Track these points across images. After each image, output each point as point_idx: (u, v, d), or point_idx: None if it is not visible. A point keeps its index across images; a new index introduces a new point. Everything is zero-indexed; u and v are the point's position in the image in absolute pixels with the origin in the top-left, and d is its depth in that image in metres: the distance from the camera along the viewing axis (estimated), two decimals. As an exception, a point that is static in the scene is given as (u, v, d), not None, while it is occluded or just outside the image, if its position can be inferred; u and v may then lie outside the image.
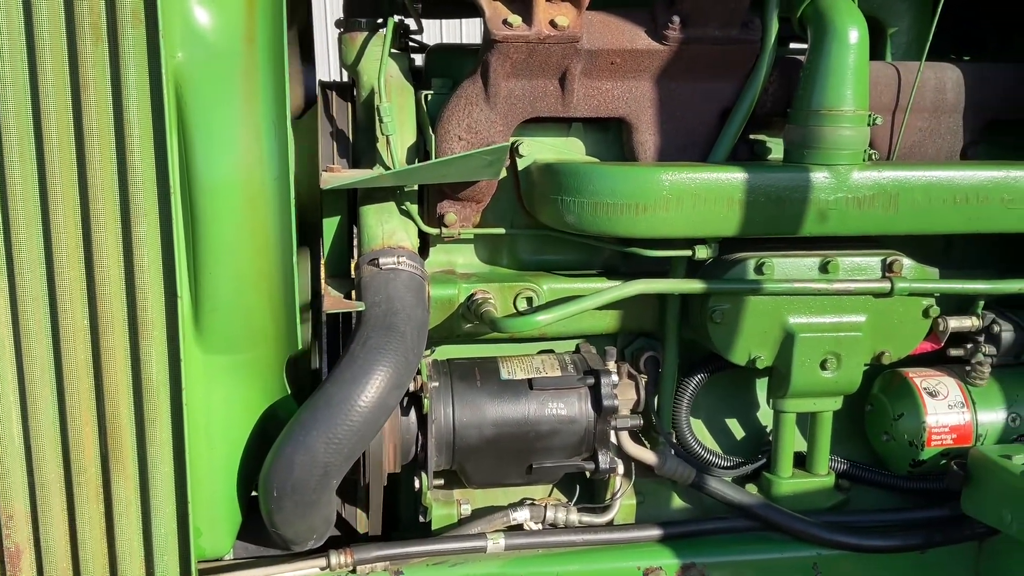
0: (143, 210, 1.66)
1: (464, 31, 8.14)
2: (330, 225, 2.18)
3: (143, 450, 1.76)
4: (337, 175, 1.99)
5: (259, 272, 1.78)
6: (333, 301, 1.98)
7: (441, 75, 2.21)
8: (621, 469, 2.17)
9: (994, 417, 2.27)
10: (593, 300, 2.06)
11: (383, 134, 2.03)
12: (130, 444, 1.76)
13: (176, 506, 1.80)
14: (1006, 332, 2.31)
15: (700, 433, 2.36)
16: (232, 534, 1.98)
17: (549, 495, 2.31)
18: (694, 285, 2.10)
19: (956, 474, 2.18)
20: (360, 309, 1.91)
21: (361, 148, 2.18)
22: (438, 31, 8.05)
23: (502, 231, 2.22)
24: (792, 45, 2.60)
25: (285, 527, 1.89)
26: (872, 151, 2.17)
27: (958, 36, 2.56)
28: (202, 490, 1.86)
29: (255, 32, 1.69)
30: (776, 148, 2.30)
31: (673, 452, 2.25)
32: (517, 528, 2.16)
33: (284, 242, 1.77)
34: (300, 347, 1.86)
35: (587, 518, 2.20)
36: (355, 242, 2.17)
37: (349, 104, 2.19)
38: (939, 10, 2.15)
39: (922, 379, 2.28)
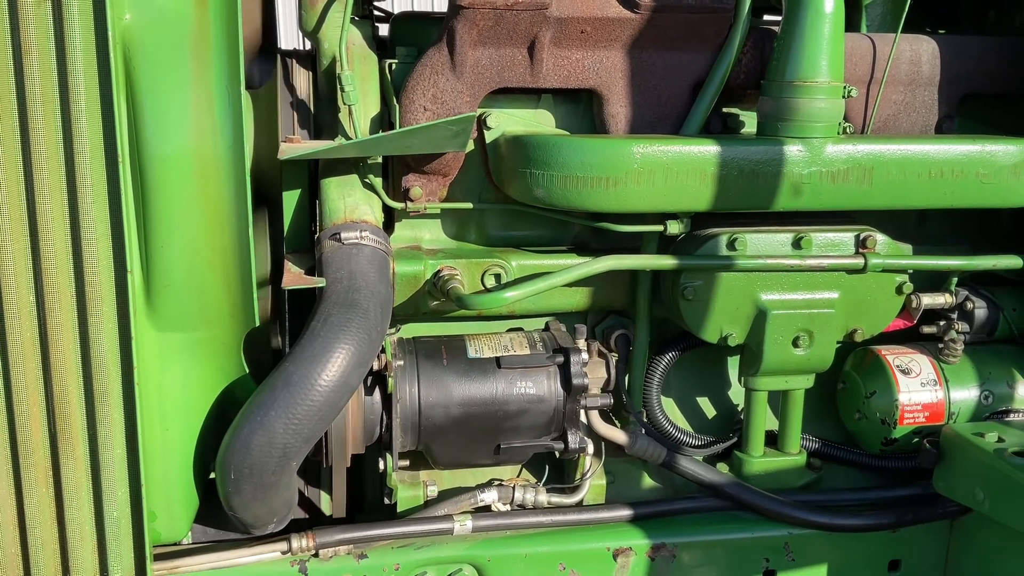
0: (90, 181, 1.59)
1: (440, 1, 8.04)
2: (291, 199, 2.11)
3: (93, 431, 1.70)
4: (296, 146, 1.92)
5: (213, 246, 1.72)
6: (293, 277, 1.92)
7: (406, 44, 2.14)
8: (591, 449, 2.14)
9: (967, 395, 2.26)
10: (562, 277, 2.02)
11: (345, 104, 1.97)
12: (80, 425, 1.69)
13: (129, 489, 1.73)
14: (979, 309, 2.30)
15: (671, 412, 2.33)
16: (189, 518, 1.92)
17: (518, 475, 2.27)
18: (665, 261, 2.07)
19: (928, 452, 2.17)
20: (321, 285, 1.85)
21: (323, 119, 2.11)
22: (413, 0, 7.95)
23: (470, 206, 2.16)
24: (766, 17, 2.55)
25: (244, 510, 1.83)
26: (847, 124, 2.14)
27: (933, 8, 2.53)
28: (156, 472, 1.80)
29: (207, -7, 1.62)
30: (749, 121, 2.26)
31: (643, 431, 2.22)
32: (485, 509, 2.13)
33: (239, 214, 1.71)
34: (257, 324, 1.80)
35: (556, 499, 2.17)
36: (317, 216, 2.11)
37: (310, 73, 2.12)
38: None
39: (895, 356, 2.26)
